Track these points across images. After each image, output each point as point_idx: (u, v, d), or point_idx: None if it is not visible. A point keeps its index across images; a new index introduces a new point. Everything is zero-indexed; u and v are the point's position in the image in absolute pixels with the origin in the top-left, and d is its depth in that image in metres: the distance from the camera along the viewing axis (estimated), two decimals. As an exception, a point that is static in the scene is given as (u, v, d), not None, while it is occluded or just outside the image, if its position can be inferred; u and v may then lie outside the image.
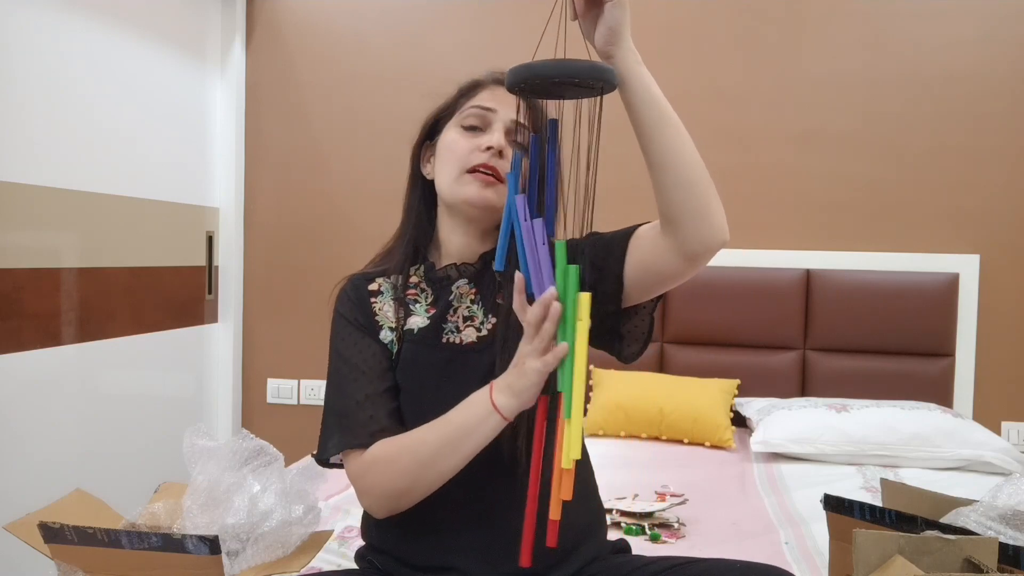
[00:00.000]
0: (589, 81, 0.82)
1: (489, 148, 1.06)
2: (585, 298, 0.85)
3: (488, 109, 1.09)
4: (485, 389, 0.98)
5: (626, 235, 1.06)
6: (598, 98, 0.86)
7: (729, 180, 1.01)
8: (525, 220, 0.88)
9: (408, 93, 2.87)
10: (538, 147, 0.95)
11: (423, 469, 1.00)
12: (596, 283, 1.04)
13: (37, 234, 2.13)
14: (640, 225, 1.06)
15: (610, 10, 0.89)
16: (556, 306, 0.89)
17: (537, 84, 0.83)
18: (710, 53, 2.72)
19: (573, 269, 0.86)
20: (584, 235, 0.99)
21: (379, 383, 1.08)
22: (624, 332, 1.10)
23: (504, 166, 1.07)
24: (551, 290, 0.89)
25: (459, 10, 2.87)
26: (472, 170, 1.07)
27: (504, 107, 1.08)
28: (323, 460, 1.13)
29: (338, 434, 1.07)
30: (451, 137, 1.10)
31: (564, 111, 0.92)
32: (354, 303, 1.13)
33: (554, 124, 0.87)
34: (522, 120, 1.08)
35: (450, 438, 0.99)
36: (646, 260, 1.02)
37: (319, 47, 2.98)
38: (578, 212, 0.90)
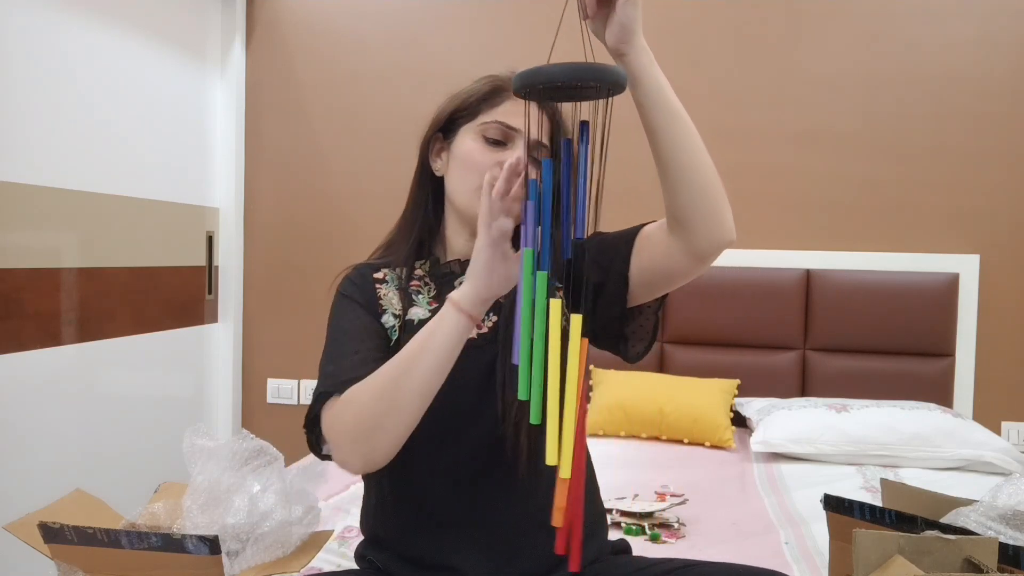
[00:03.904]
0: (596, 83, 0.78)
1: None
2: (556, 305, 0.79)
3: (513, 128, 1.05)
4: None
5: (631, 235, 1.05)
6: (607, 100, 0.82)
7: (729, 180, 1.00)
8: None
9: (408, 93, 2.87)
10: (552, 170, 0.87)
11: (392, 391, 0.92)
12: (601, 284, 1.04)
13: (37, 234, 2.13)
14: (645, 224, 1.06)
15: (622, 7, 0.86)
16: (510, 165, 0.86)
17: (544, 88, 0.80)
18: (710, 52, 2.72)
19: (541, 275, 0.81)
20: (589, 235, 0.97)
21: (374, 351, 1.03)
22: (629, 332, 1.09)
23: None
24: (518, 158, 0.87)
25: (459, 10, 2.87)
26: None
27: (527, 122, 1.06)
28: (317, 451, 1.10)
29: (319, 390, 1.01)
30: (471, 146, 1.07)
31: (577, 114, 0.90)
32: (358, 287, 1.11)
33: (584, 126, 0.85)
34: (544, 140, 1.05)
35: (412, 350, 0.93)
36: (652, 260, 1.02)
37: (319, 47, 2.98)
38: (587, 216, 0.87)
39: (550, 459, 0.76)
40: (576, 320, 0.76)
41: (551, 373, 0.77)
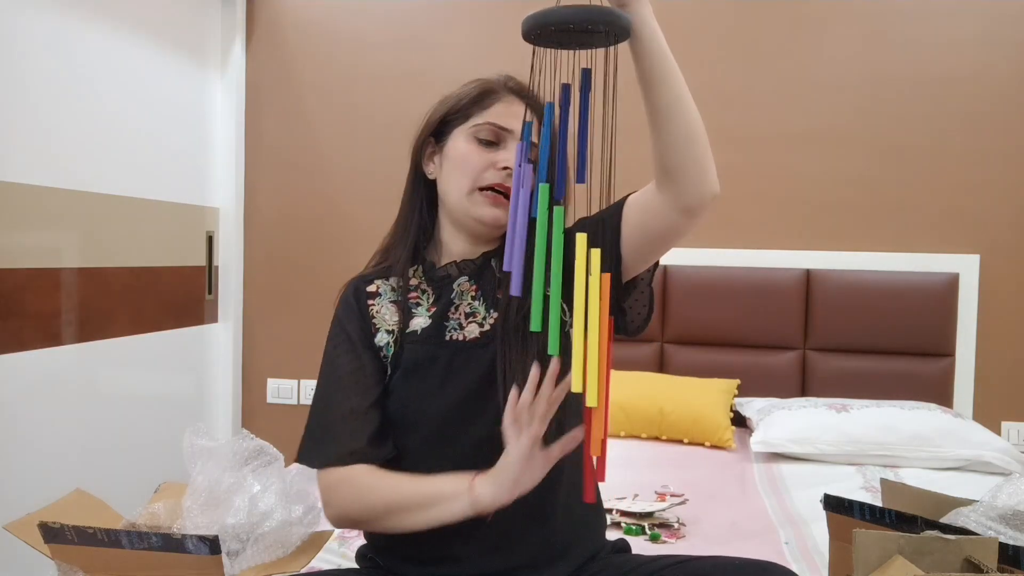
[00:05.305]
0: (605, 27, 0.80)
1: (506, 168, 1.06)
2: (595, 254, 0.82)
3: (504, 129, 1.08)
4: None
5: (617, 208, 1.06)
6: (613, 47, 0.85)
7: (729, 180, 1.01)
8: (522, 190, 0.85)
9: (408, 93, 2.87)
10: (553, 114, 0.90)
11: (386, 514, 1.03)
12: None
13: (37, 234, 2.13)
14: (628, 196, 1.07)
15: None
16: (551, 371, 0.91)
17: (552, 33, 0.82)
18: (710, 53, 2.72)
19: (558, 210, 0.83)
20: (575, 222, 0.98)
21: (365, 398, 1.09)
22: (626, 307, 1.10)
23: None
24: (553, 364, 0.91)
25: (460, 9, 2.87)
26: (486, 188, 1.07)
27: (520, 124, 1.07)
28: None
29: (319, 447, 1.09)
30: (463, 148, 1.09)
31: (568, 75, 0.90)
32: (352, 310, 1.14)
33: (587, 74, 0.85)
34: (535, 140, 1.06)
35: (420, 498, 1.00)
36: (642, 224, 1.03)
37: (319, 47, 2.97)
38: (596, 179, 0.89)
39: (575, 387, 0.81)
40: (596, 256, 0.81)
41: (577, 306, 0.80)
